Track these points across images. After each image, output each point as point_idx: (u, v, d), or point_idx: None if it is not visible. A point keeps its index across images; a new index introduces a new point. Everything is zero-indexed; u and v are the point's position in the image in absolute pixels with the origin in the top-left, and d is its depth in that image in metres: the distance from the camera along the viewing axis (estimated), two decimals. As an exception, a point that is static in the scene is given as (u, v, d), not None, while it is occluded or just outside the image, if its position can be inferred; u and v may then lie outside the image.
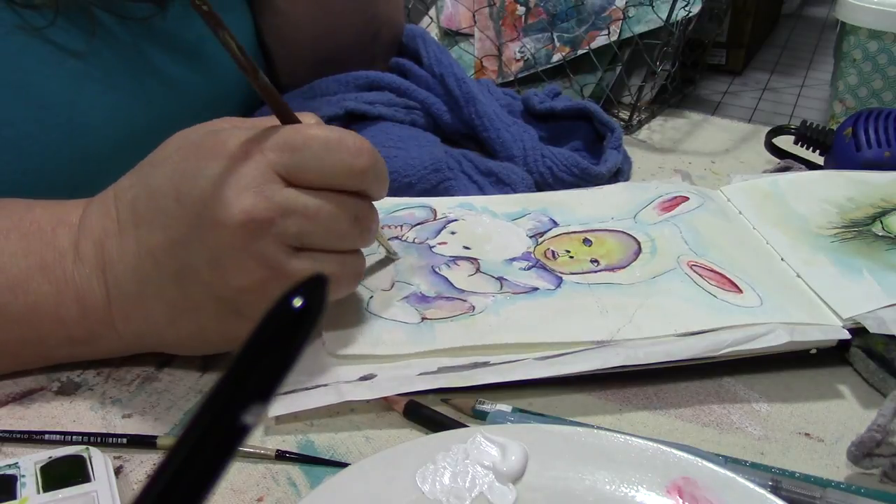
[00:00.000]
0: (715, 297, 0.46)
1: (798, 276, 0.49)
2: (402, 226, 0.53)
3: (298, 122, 0.39)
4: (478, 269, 0.49)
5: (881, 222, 0.53)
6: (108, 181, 0.44)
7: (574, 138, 0.65)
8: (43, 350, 0.41)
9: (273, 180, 0.36)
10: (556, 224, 0.54)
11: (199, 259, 0.36)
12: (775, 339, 0.42)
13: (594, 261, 0.50)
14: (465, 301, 0.46)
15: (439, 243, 0.52)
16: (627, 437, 0.35)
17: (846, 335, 0.43)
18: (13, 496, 0.34)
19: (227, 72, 0.62)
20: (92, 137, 0.51)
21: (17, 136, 0.47)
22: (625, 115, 0.76)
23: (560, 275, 0.49)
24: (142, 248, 0.38)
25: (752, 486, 0.33)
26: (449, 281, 0.48)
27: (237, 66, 0.37)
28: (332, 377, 0.41)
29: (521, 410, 0.40)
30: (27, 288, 0.39)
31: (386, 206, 0.55)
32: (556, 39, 0.78)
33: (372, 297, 0.47)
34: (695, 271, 0.48)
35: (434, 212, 0.55)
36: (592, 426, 0.39)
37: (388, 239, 0.51)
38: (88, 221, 0.40)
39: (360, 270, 0.40)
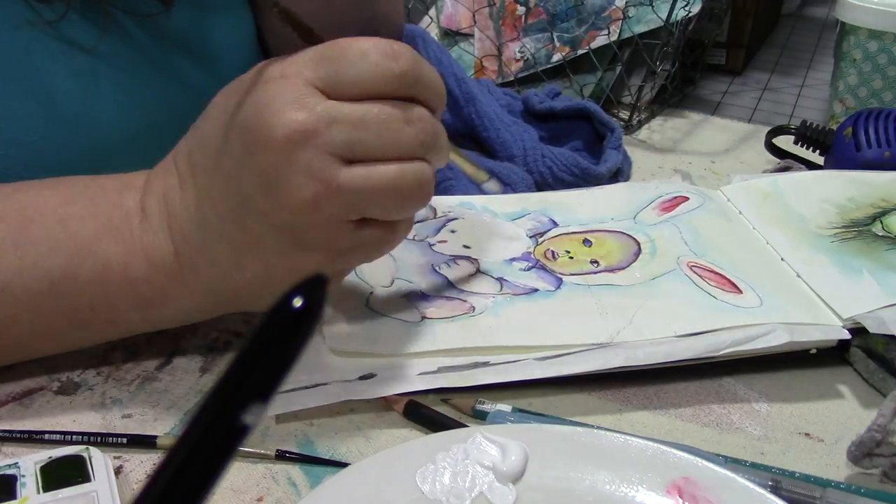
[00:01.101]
0: (715, 297, 0.46)
1: (798, 276, 0.49)
2: (402, 225, 0.53)
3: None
4: (478, 269, 0.49)
5: (881, 222, 0.53)
6: None
7: (574, 138, 0.65)
8: (114, 315, 0.40)
9: (313, 94, 0.35)
10: (556, 224, 0.54)
11: (253, 187, 0.36)
12: (775, 340, 0.42)
13: (594, 261, 0.50)
14: (465, 301, 0.46)
15: (439, 241, 0.52)
16: (627, 437, 0.35)
17: (846, 335, 0.43)
18: (13, 496, 0.34)
19: (230, 68, 0.63)
20: (100, 135, 0.51)
21: (24, 132, 0.47)
22: (625, 115, 0.76)
23: (560, 276, 0.49)
24: (200, 193, 0.38)
25: (752, 486, 0.33)
26: (449, 280, 0.48)
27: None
28: (332, 376, 0.41)
29: (521, 410, 0.40)
30: (96, 249, 0.39)
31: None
32: (556, 39, 0.78)
33: (372, 293, 0.47)
34: (695, 272, 0.48)
35: (434, 210, 0.55)
36: (592, 426, 0.39)
37: None
38: (152, 182, 0.40)
39: (425, 180, 0.36)
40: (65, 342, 0.42)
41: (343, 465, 0.37)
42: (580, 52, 0.77)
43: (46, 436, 0.38)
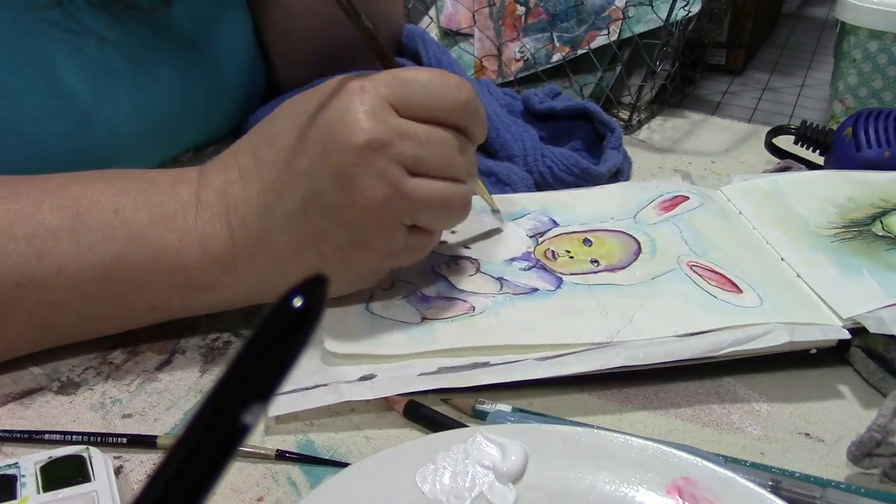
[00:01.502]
0: (715, 297, 0.46)
1: (798, 276, 0.49)
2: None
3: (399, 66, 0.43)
4: (478, 269, 0.49)
5: (881, 222, 0.53)
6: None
7: (574, 138, 0.65)
8: (158, 301, 0.42)
9: (388, 109, 0.39)
10: (556, 224, 0.54)
11: (326, 183, 0.39)
12: (775, 339, 0.42)
13: (594, 261, 0.50)
14: (465, 301, 0.46)
15: (439, 241, 0.52)
16: (627, 437, 0.35)
17: (846, 335, 0.43)
18: (13, 496, 0.34)
19: (229, 64, 0.63)
20: (106, 127, 0.52)
21: (29, 122, 0.47)
22: (625, 114, 0.76)
23: (560, 275, 0.49)
24: (266, 186, 0.41)
25: (752, 486, 0.33)
26: (449, 280, 0.48)
27: (355, 26, 0.42)
28: (332, 377, 0.41)
29: (521, 410, 0.40)
30: (150, 236, 0.41)
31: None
32: (555, 39, 0.78)
33: (372, 296, 0.47)
34: (695, 271, 0.48)
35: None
36: (592, 426, 0.39)
37: None
38: (209, 176, 0.42)
39: (468, 200, 0.43)
40: (104, 328, 0.44)
41: (343, 465, 0.37)
42: (580, 52, 0.77)
43: (46, 436, 0.38)
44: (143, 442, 0.39)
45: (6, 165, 0.46)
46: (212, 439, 0.16)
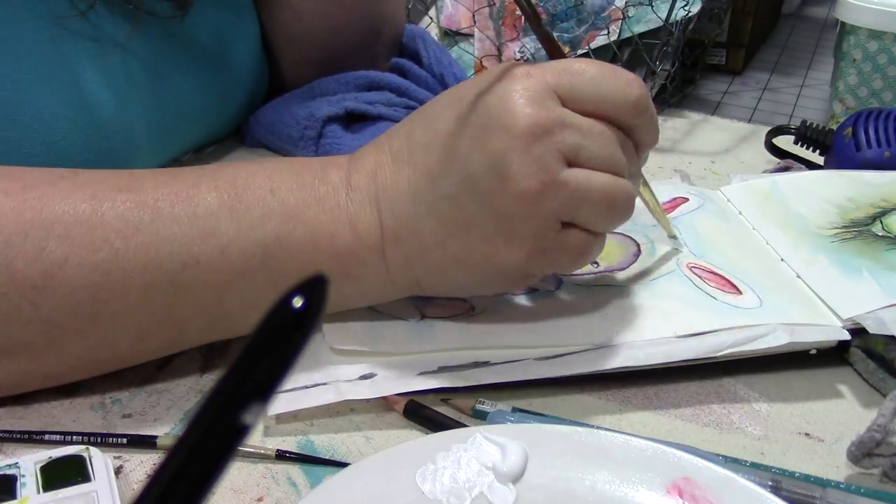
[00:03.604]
0: (714, 298, 0.46)
1: (798, 276, 0.49)
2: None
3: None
4: (478, 269, 0.49)
5: (881, 222, 0.53)
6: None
7: (574, 138, 0.65)
8: None
9: (552, 97, 0.38)
10: (556, 224, 0.54)
11: (480, 167, 0.38)
12: (775, 341, 0.42)
13: (594, 262, 0.50)
14: (465, 301, 0.46)
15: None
16: (627, 437, 0.35)
17: (846, 336, 0.43)
18: (13, 496, 0.34)
19: (241, 69, 0.63)
20: (125, 135, 0.52)
21: (50, 130, 0.48)
22: (625, 115, 0.76)
23: (559, 276, 0.49)
24: (417, 170, 0.40)
25: (752, 486, 0.33)
26: (449, 281, 0.48)
27: (523, 14, 0.41)
28: (332, 376, 0.41)
29: (521, 410, 0.40)
30: (305, 217, 0.40)
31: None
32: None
33: None
34: (694, 273, 0.48)
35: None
36: (592, 426, 0.39)
37: None
38: (360, 160, 0.42)
39: (631, 199, 0.40)
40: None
41: (343, 465, 0.37)
42: (580, 52, 0.77)
43: (46, 436, 0.38)
44: (143, 442, 0.39)
45: None
46: (212, 439, 0.16)
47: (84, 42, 0.49)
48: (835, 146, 0.63)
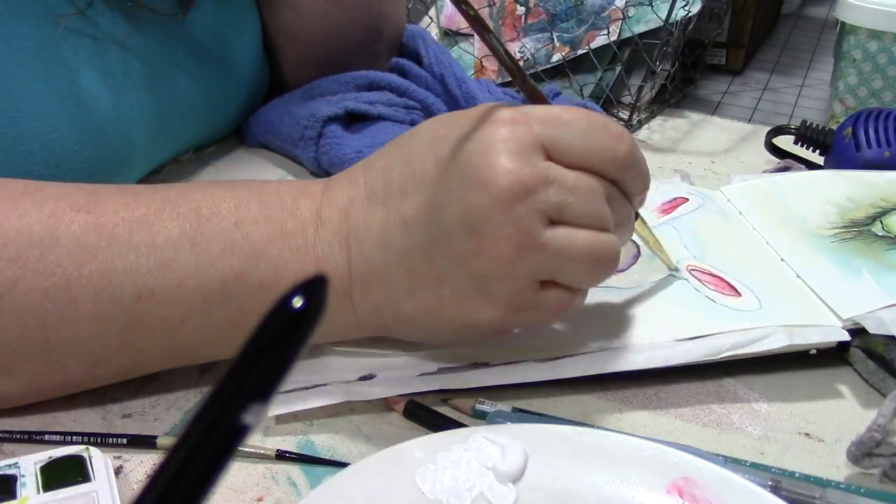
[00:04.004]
0: (714, 301, 0.46)
1: (798, 276, 0.49)
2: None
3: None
4: (478, 269, 0.49)
5: (881, 222, 0.53)
6: (131, 176, 0.43)
7: (574, 138, 0.65)
8: None
9: (537, 150, 0.35)
10: (556, 224, 0.54)
11: (455, 223, 0.36)
12: (774, 343, 0.42)
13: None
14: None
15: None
16: (627, 437, 0.35)
17: (846, 336, 0.43)
18: (13, 496, 0.34)
19: (241, 69, 0.63)
20: (123, 135, 0.52)
21: (48, 129, 0.47)
22: (625, 114, 0.76)
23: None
24: (391, 214, 0.37)
25: (752, 486, 0.33)
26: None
27: (504, 68, 0.38)
28: (332, 377, 0.41)
29: (521, 410, 0.40)
30: (269, 254, 0.38)
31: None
32: (555, 39, 0.78)
33: None
34: (694, 275, 0.48)
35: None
36: (592, 426, 0.39)
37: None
38: (332, 192, 0.40)
39: (617, 252, 0.37)
40: (228, 349, 0.41)
41: (343, 465, 0.37)
42: (580, 52, 0.77)
43: (46, 436, 0.38)
44: (143, 442, 0.39)
45: (26, 171, 0.46)
46: (212, 439, 0.16)
47: (82, 40, 0.49)
48: (835, 146, 0.63)
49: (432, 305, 0.38)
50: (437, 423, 0.39)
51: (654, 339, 0.43)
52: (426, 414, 0.40)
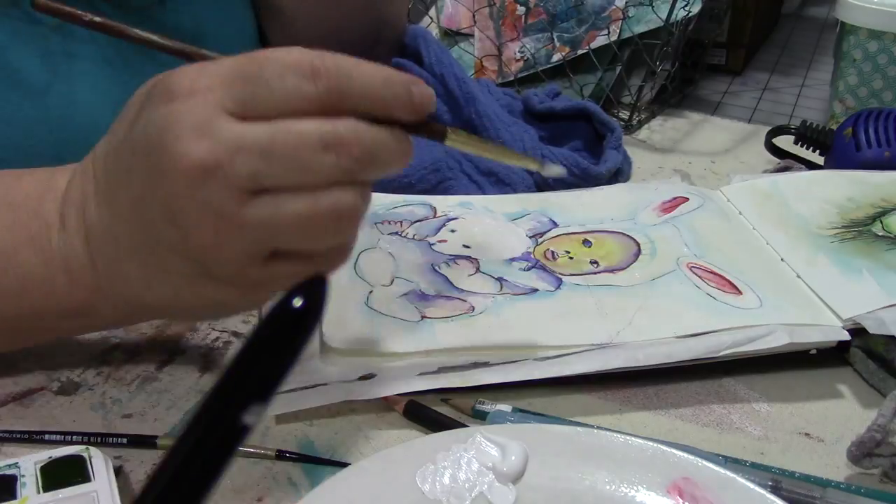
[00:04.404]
0: (714, 298, 0.46)
1: (798, 276, 0.49)
2: (401, 222, 0.53)
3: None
4: (477, 269, 0.49)
5: (881, 222, 0.53)
6: None
7: (574, 138, 0.65)
8: (43, 324, 0.39)
9: (219, 117, 0.31)
10: (555, 225, 0.54)
11: (156, 215, 0.33)
12: (775, 341, 0.42)
13: (594, 262, 0.50)
14: (464, 301, 0.46)
15: (439, 241, 0.52)
16: (627, 437, 0.35)
17: (846, 336, 0.43)
18: (13, 496, 0.34)
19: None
20: (85, 131, 0.51)
21: (7, 127, 0.46)
22: (625, 115, 0.76)
23: (560, 276, 0.49)
24: (112, 208, 0.35)
25: (752, 486, 0.33)
26: (448, 280, 0.48)
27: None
28: (332, 377, 0.41)
29: (521, 410, 0.40)
30: (16, 261, 0.37)
31: (386, 202, 0.56)
32: (555, 39, 0.78)
33: (372, 291, 0.47)
34: (694, 273, 0.48)
35: (434, 209, 0.55)
36: (592, 426, 0.39)
37: (389, 234, 0.51)
38: (73, 187, 0.38)
39: (344, 209, 0.32)
40: (6, 344, 0.41)
41: (343, 465, 0.37)
42: (580, 52, 0.77)
43: (46, 436, 0.38)
44: (143, 442, 0.39)
45: None
46: (212, 439, 0.16)
47: (50, 33, 0.48)
48: (835, 146, 0.63)
49: (168, 294, 0.35)
50: (437, 423, 0.39)
51: (654, 336, 0.43)
52: (426, 414, 0.40)
